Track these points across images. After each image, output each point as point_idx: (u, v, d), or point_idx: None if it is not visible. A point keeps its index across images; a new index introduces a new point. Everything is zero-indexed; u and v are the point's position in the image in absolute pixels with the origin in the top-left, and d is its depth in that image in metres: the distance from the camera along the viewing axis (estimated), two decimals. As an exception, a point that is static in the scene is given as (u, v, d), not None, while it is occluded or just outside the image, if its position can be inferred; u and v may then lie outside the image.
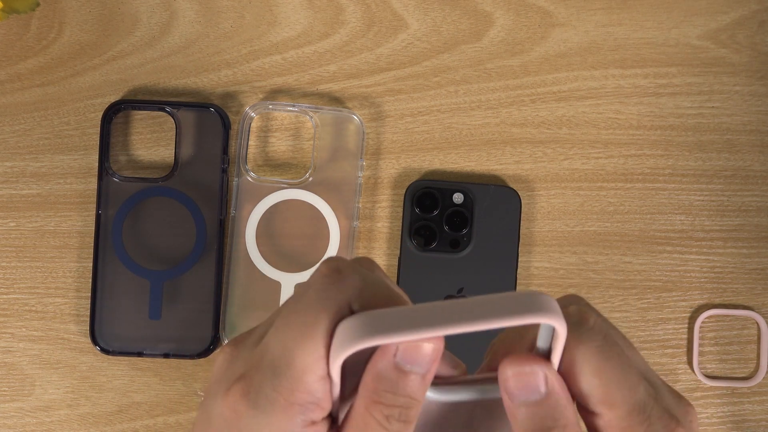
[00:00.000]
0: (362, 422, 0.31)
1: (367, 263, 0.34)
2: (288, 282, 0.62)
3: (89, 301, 0.63)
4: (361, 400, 0.31)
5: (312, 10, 0.64)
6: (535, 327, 0.32)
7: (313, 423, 0.31)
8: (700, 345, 0.63)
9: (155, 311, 0.63)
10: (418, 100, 0.64)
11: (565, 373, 0.31)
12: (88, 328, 0.63)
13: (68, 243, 0.64)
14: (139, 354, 0.62)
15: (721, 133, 0.64)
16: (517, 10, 0.64)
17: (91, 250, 0.63)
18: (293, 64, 0.64)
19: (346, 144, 0.63)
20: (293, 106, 0.63)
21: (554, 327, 0.29)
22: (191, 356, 0.62)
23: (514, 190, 0.63)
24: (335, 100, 0.64)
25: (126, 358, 0.63)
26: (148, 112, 0.63)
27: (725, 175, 0.64)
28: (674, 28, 0.64)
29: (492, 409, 0.34)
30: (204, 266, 0.63)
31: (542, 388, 0.31)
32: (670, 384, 0.34)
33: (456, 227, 0.63)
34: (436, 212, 0.63)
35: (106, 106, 0.63)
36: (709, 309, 0.63)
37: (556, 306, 0.29)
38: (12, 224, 0.64)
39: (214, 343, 0.63)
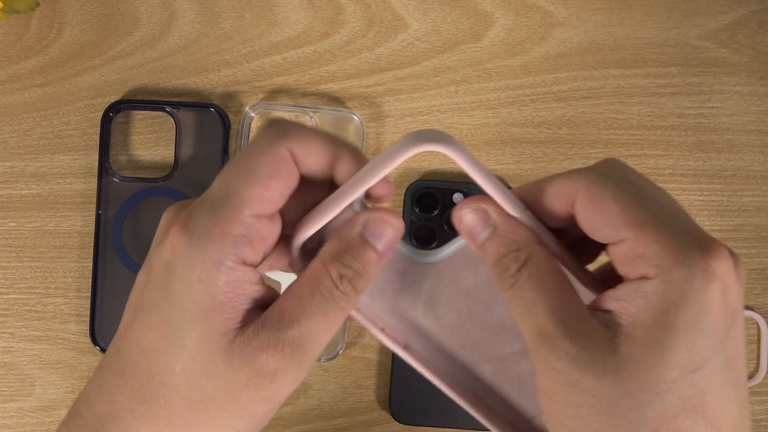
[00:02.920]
0: (316, 277, 0.33)
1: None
2: (287, 281, 0.62)
3: (89, 301, 0.63)
4: (319, 259, 0.34)
5: (312, 10, 0.64)
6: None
7: (243, 263, 0.33)
8: (700, 345, 0.63)
9: (155, 311, 0.62)
10: (418, 100, 0.64)
11: (585, 211, 0.32)
12: (88, 328, 0.63)
13: (68, 243, 0.64)
14: (139, 354, 0.62)
15: (721, 133, 0.64)
16: (517, 10, 0.64)
17: (91, 250, 0.63)
18: (293, 64, 0.64)
19: (346, 144, 0.63)
20: (293, 106, 0.63)
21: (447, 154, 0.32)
22: (191, 356, 0.62)
23: (514, 190, 0.63)
24: (335, 100, 0.64)
25: (126, 358, 0.63)
26: (148, 112, 0.63)
27: (725, 175, 0.64)
28: (674, 28, 0.64)
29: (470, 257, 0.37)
30: (204, 266, 0.63)
31: (488, 223, 0.34)
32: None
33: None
34: (436, 212, 0.63)
35: (106, 106, 0.63)
36: (709, 309, 0.63)
37: (445, 136, 0.32)
38: (12, 224, 0.64)
39: (214, 343, 0.63)
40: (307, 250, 0.35)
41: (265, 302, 0.34)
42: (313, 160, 0.34)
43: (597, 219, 0.31)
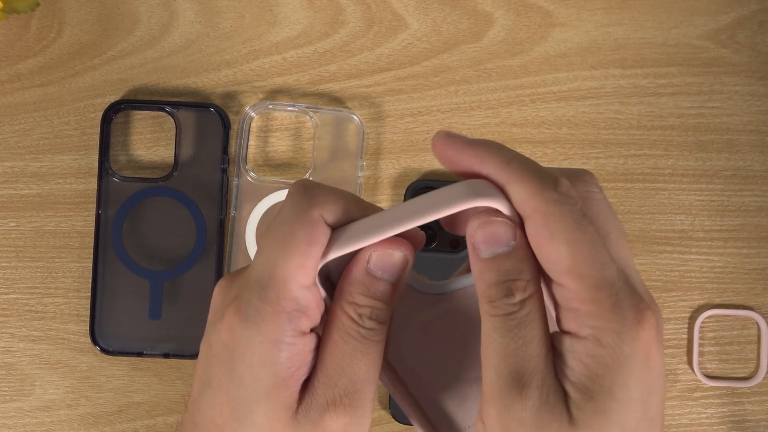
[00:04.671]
0: (338, 322, 0.33)
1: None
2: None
3: (89, 301, 0.63)
4: (336, 303, 0.34)
5: (312, 10, 0.64)
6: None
7: (303, 333, 0.33)
8: (700, 345, 0.63)
9: (155, 311, 0.63)
10: (418, 100, 0.64)
11: (535, 236, 0.31)
12: (88, 328, 0.63)
13: (68, 243, 0.64)
14: (139, 354, 0.62)
15: (721, 133, 0.64)
16: (517, 10, 0.64)
17: (91, 250, 0.63)
18: (293, 64, 0.64)
19: (346, 144, 0.63)
20: (293, 106, 0.63)
21: (497, 208, 0.31)
22: (191, 356, 0.62)
23: (514, 190, 0.63)
24: (335, 100, 0.64)
25: (126, 358, 0.63)
26: (148, 112, 0.63)
27: (725, 175, 0.64)
28: (674, 28, 0.64)
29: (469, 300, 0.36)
30: (204, 266, 0.63)
31: (511, 241, 0.31)
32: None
33: (456, 227, 0.62)
34: (436, 212, 0.62)
35: (106, 106, 0.63)
36: (709, 309, 0.63)
37: (494, 190, 0.31)
38: (12, 224, 0.64)
39: (214, 343, 0.63)
40: (326, 273, 0.35)
41: None
42: (342, 219, 0.33)
43: (543, 251, 0.31)
